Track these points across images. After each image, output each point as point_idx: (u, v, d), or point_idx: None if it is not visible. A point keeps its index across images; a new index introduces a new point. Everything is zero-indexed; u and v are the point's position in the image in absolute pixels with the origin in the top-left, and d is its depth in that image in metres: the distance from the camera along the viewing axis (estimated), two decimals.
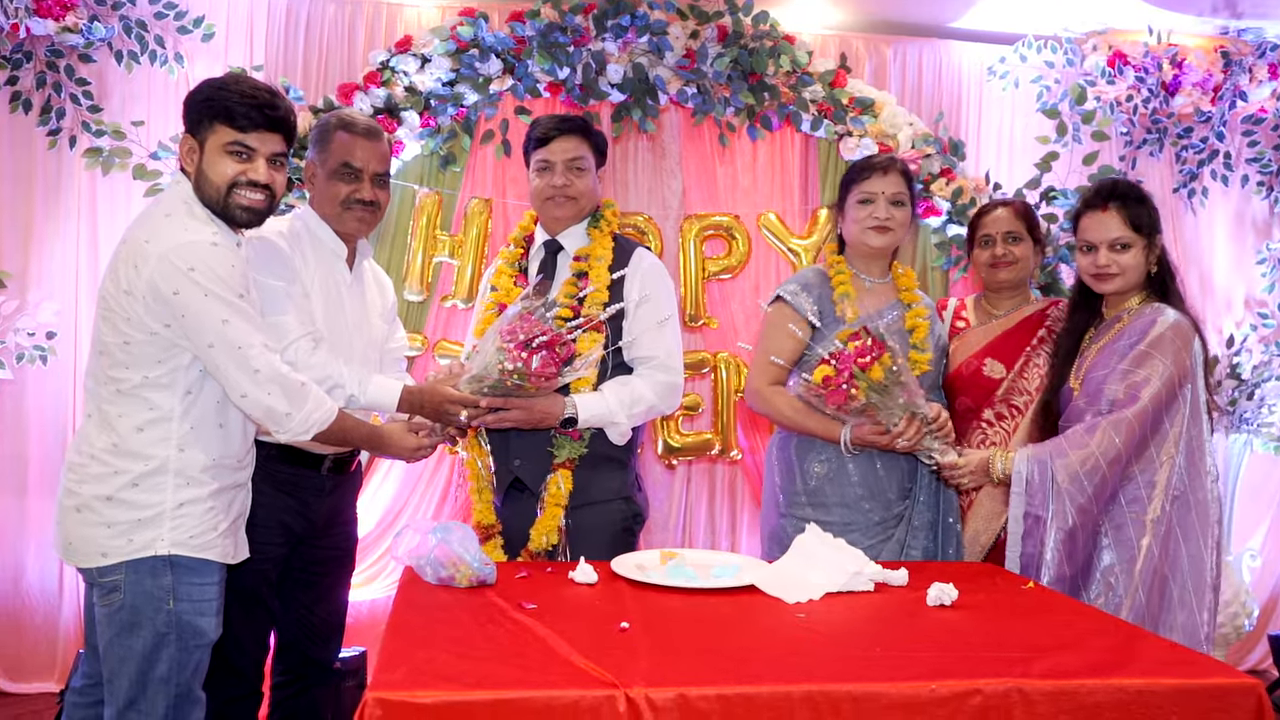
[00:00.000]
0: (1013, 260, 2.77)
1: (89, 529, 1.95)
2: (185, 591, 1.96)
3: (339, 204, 2.37)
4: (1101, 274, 2.50)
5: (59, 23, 3.46)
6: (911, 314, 2.66)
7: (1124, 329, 2.47)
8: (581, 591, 2.03)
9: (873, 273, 2.70)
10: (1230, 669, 1.68)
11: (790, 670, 1.57)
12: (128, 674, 1.93)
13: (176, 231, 1.93)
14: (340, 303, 2.41)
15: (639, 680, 1.49)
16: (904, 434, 2.42)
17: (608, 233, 2.63)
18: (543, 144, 2.57)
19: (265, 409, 2.00)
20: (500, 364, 2.28)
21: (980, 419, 2.71)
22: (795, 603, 1.96)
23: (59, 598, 3.70)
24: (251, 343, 1.96)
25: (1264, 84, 4.18)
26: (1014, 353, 2.73)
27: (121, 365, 1.95)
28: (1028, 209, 2.86)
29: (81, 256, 3.65)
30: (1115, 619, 1.99)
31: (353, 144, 2.37)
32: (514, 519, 2.58)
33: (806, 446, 2.61)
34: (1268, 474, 4.41)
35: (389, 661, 1.55)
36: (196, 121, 2.01)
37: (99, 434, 1.97)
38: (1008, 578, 2.28)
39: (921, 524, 2.60)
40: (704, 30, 3.71)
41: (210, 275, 1.91)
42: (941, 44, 4.15)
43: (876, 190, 2.61)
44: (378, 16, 3.75)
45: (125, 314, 1.93)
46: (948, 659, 1.64)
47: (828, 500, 2.57)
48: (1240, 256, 4.39)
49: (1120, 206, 2.49)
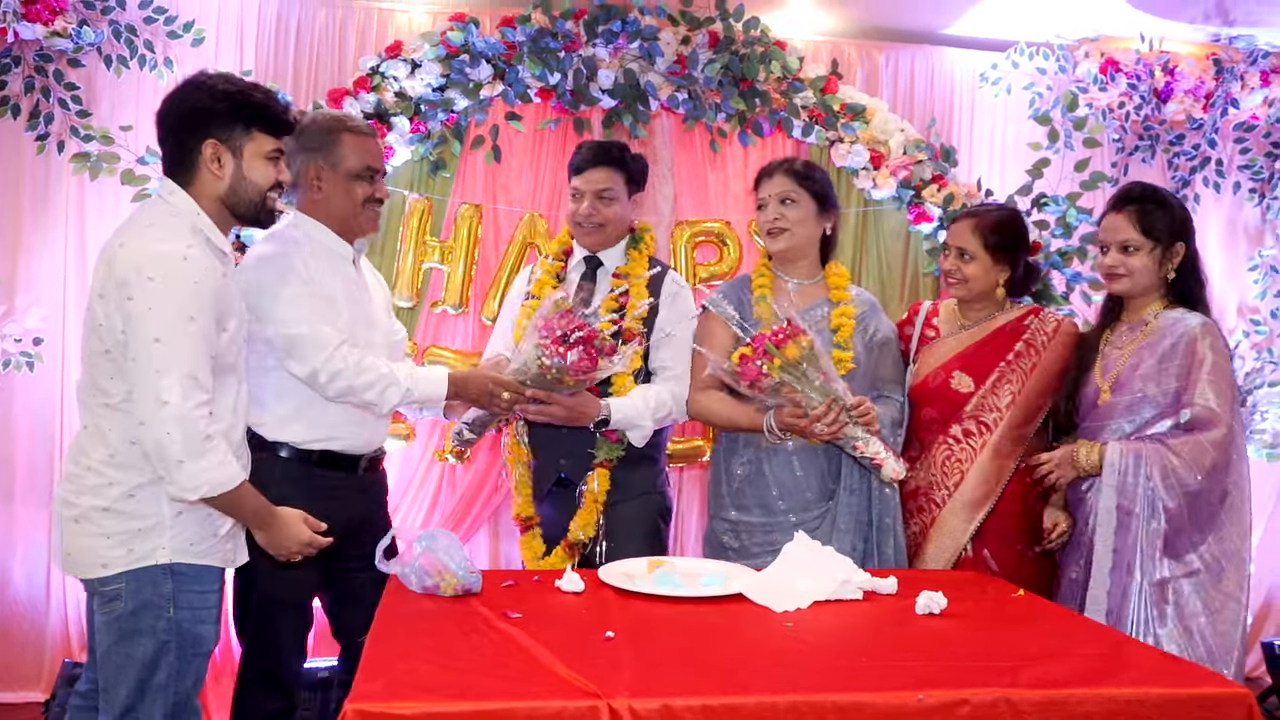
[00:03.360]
0: (960, 279, 2.69)
1: (88, 540, 1.94)
2: (186, 599, 1.95)
3: (360, 205, 2.41)
4: (1109, 274, 2.55)
5: (48, 27, 3.44)
6: (837, 312, 2.65)
7: (1153, 331, 2.49)
8: (568, 600, 2.01)
9: (798, 274, 2.72)
10: (1221, 678, 1.67)
11: (776, 680, 1.56)
12: (126, 682, 1.92)
13: (151, 241, 1.91)
14: (356, 303, 2.44)
15: (623, 690, 1.47)
16: (822, 418, 2.39)
17: (646, 255, 2.82)
18: (577, 173, 2.76)
19: (157, 445, 1.85)
20: (539, 359, 2.39)
21: (947, 433, 2.65)
22: (783, 611, 1.95)
23: (45, 606, 3.67)
24: (174, 371, 1.83)
25: (1256, 91, 4.18)
26: (985, 367, 2.66)
27: (106, 376, 1.92)
28: (997, 226, 2.68)
29: (69, 262, 3.62)
30: (1104, 627, 1.98)
31: (367, 145, 2.43)
32: (555, 514, 2.75)
33: (730, 449, 2.65)
34: (1260, 481, 4.38)
35: (369, 672, 1.53)
36: (226, 126, 1.97)
37: (94, 445, 1.95)
38: (997, 585, 2.26)
39: (847, 525, 2.57)
40: (695, 36, 3.71)
41: (165, 289, 1.84)
42: (934, 50, 4.15)
43: (766, 195, 2.66)
44: (368, 22, 3.74)
45: (101, 319, 1.91)
46: (935, 668, 1.63)
47: (748, 501, 2.60)
48: (1233, 264, 4.39)
49: (1134, 210, 2.52)
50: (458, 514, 3.72)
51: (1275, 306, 4.34)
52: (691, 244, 3.85)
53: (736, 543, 2.61)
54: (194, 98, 1.98)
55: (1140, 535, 2.37)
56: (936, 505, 2.63)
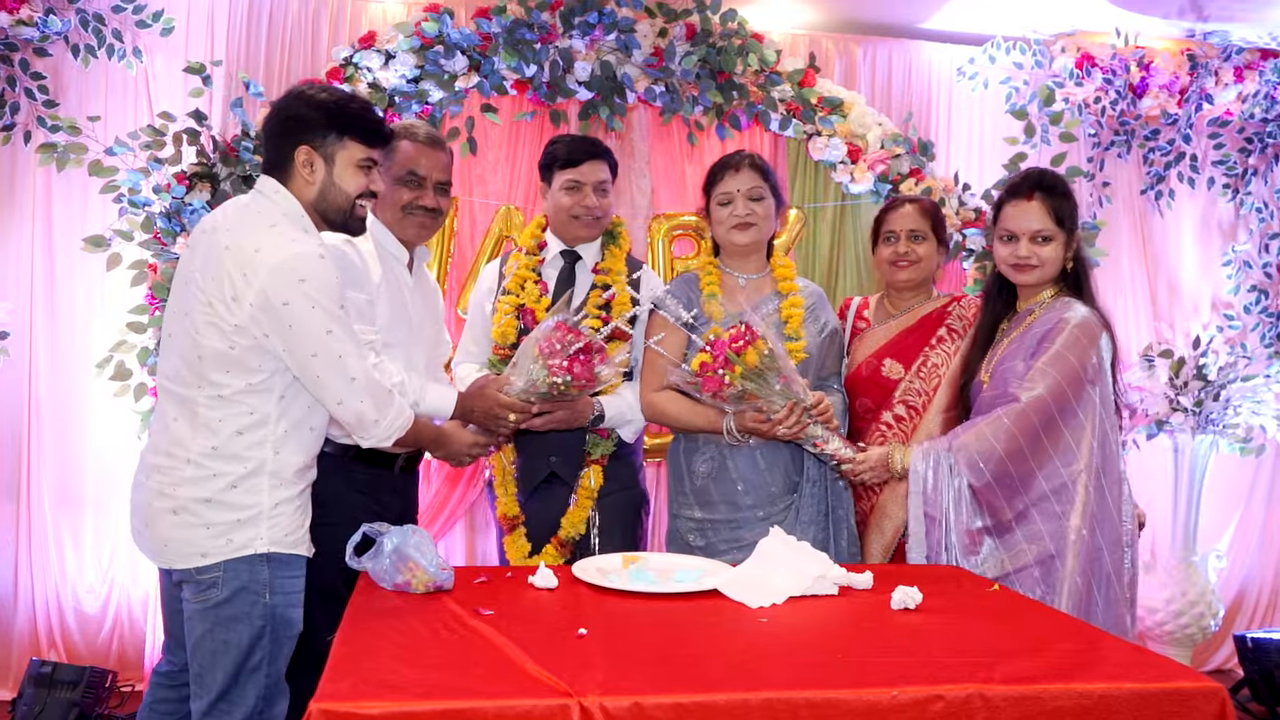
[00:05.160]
0: (915, 260, 2.72)
1: (188, 531, 1.97)
2: (280, 585, 2.01)
3: (400, 209, 2.46)
4: (1021, 265, 2.48)
5: (13, 15, 3.38)
6: (787, 304, 2.66)
7: (1034, 322, 2.46)
8: (541, 596, 1.99)
9: (747, 269, 2.71)
10: (1193, 672, 1.67)
11: (749, 677, 1.54)
12: (223, 667, 1.96)
13: (285, 243, 1.97)
14: (405, 308, 2.48)
15: (594, 689, 1.45)
16: (785, 421, 2.41)
17: (624, 250, 2.82)
18: (572, 165, 2.72)
19: (357, 415, 2.05)
20: (548, 380, 2.40)
21: (879, 420, 2.68)
22: (758, 607, 1.93)
23: (13, 604, 3.62)
24: (349, 351, 2.01)
25: (1229, 87, 4.20)
26: (912, 352, 2.70)
27: (221, 370, 1.96)
28: (935, 208, 2.78)
29: (36, 255, 3.57)
30: (1080, 622, 1.98)
31: (418, 153, 2.46)
32: (542, 511, 2.73)
33: (691, 447, 2.65)
34: (1234, 475, 4.43)
35: (336, 671, 1.51)
36: (318, 133, 2.05)
37: (196, 437, 1.98)
38: (974, 580, 2.26)
39: (810, 517, 2.59)
40: (672, 28, 3.68)
41: (319, 287, 1.95)
42: (911, 44, 4.15)
43: (732, 189, 2.63)
44: (341, 11, 3.70)
45: (233, 320, 1.94)
46: (910, 664, 1.62)
47: (713, 498, 2.60)
48: (1207, 259, 4.42)
49: (1046, 198, 2.46)
50: (434, 508, 3.69)
51: (1248, 301, 4.37)
52: (669, 237, 3.83)
53: (702, 541, 2.60)
54: (293, 105, 2.08)
55: (945, 538, 2.38)
56: (875, 491, 2.65)
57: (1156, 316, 4.38)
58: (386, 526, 2.04)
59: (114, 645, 3.67)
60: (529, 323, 2.69)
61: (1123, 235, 4.30)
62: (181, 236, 3.35)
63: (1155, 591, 4.14)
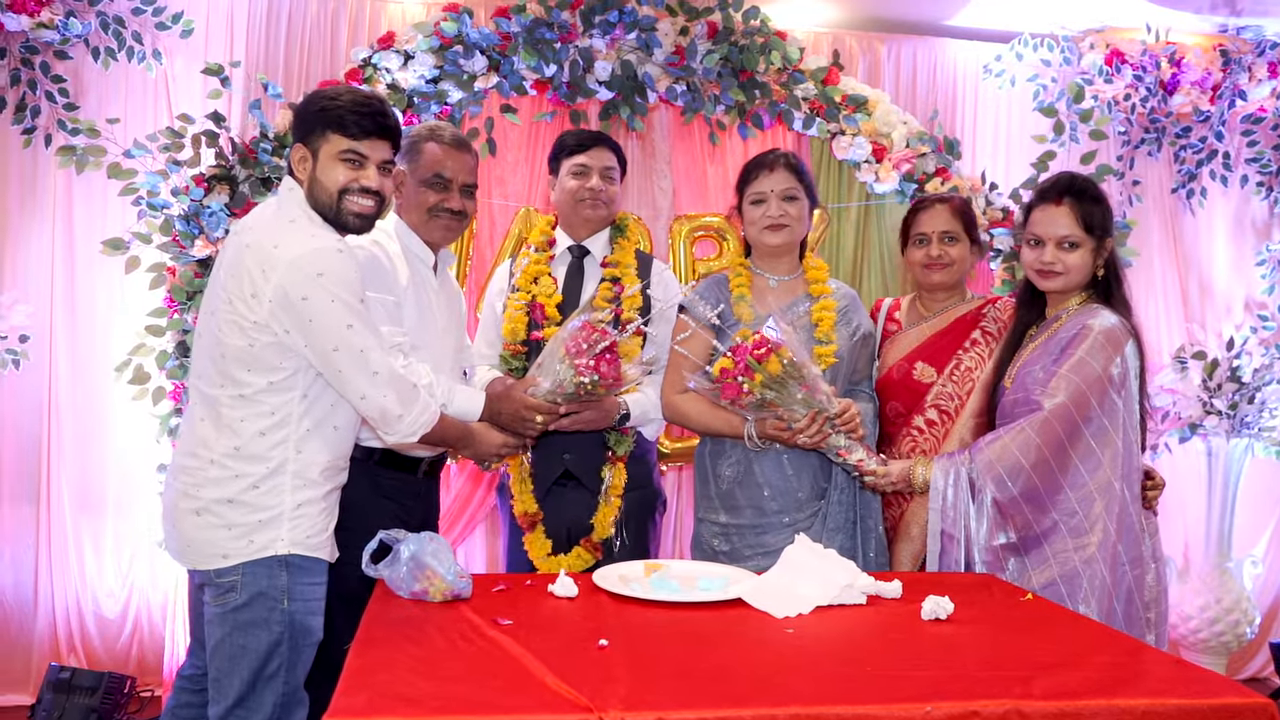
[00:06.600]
0: (948, 262, 2.65)
1: (210, 531, 1.96)
2: (299, 591, 1.99)
3: (426, 211, 2.45)
4: (1045, 271, 2.42)
5: (34, 18, 3.38)
6: (818, 306, 2.60)
7: (1059, 329, 2.40)
8: (561, 605, 1.94)
9: (779, 270, 2.66)
10: (1240, 687, 1.60)
11: (776, 691, 1.49)
12: (240, 672, 1.94)
13: (303, 238, 1.96)
14: (430, 310, 2.46)
15: (615, 703, 1.40)
16: (806, 430, 2.36)
17: (633, 244, 2.81)
18: (579, 150, 2.73)
19: (381, 410, 2.03)
20: (575, 380, 2.38)
21: (910, 424, 2.62)
22: (784, 617, 1.88)
23: (34, 609, 3.61)
24: (371, 345, 1.99)
25: (1263, 83, 4.11)
26: (945, 356, 2.64)
27: (244, 369, 1.96)
28: (966, 207, 2.70)
29: (57, 257, 3.57)
30: (1118, 633, 1.91)
31: (444, 155, 2.45)
32: (559, 510, 2.70)
33: (717, 451, 2.60)
34: (1269, 479, 4.33)
35: (351, 684, 1.47)
36: (309, 130, 2.06)
37: (219, 438, 1.97)
38: (1005, 589, 2.19)
39: (837, 524, 2.53)
40: (694, 27, 3.64)
41: (337, 281, 1.94)
42: (936, 42, 4.09)
43: (766, 189, 2.58)
44: (360, 12, 3.68)
45: (253, 318, 1.94)
46: (943, 678, 1.56)
47: (738, 503, 2.55)
48: (1240, 258, 4.32)
49: (1074, 203, 2.39)
50: (453, 513, 3.66)
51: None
52: (690, 239, 3.78)
53: (727, 545, 2.55)
54: (299, 106, 2.10)
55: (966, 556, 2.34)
56: (904, 499, 2.59)
57: (1188, 317, 4.28)
58: (403, 533, 2.01)
59: (133, 650, 3.65)
60: (539, 318, 2.68)
61: (1153, 234, 4.22)
62: (199, 239, 3.33)
63: (1189, 599, 4.05)
